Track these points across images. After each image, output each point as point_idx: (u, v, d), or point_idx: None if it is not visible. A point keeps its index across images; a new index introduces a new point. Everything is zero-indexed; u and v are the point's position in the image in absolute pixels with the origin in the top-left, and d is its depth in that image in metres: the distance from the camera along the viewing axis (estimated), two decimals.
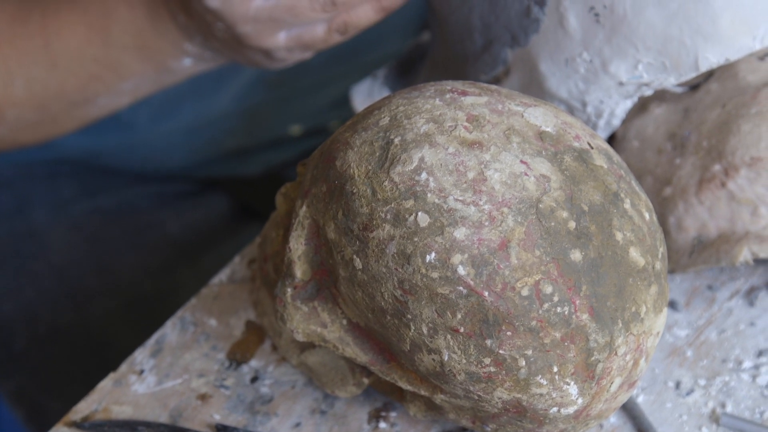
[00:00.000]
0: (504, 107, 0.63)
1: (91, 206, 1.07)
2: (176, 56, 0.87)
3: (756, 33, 0.67)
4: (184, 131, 1.06)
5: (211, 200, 1.10)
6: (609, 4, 0.68)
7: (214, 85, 1.05)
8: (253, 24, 0.81)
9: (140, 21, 0.87)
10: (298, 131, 1.10)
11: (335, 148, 0.63)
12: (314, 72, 1.08)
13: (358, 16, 0.81)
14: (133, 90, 0.90)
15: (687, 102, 0.75)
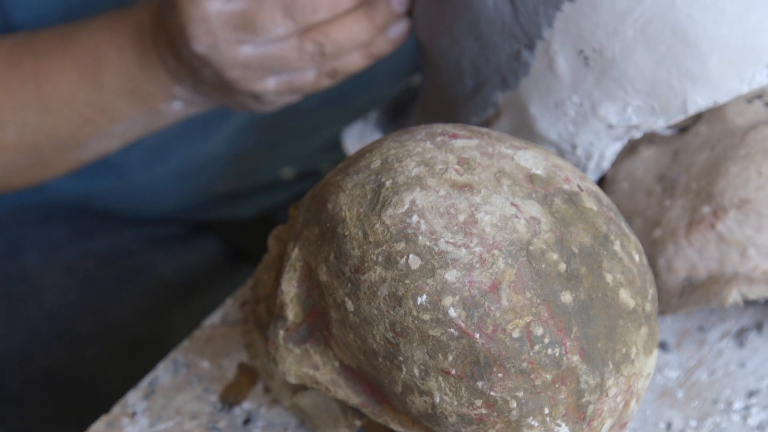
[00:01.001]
0: (494, 150, 0.63)
1: (84, 249, 1.07)
2: (166, 100, 0.87)
3: (744, 76, 0.68)
4: (176, 175, 1.06)
5: (203, 243, 1.10)
6: (598, 47, 0.69)
7: (205, 129, 1.06)
8: (241, 70, 0.81)
9: (131, 65, 0.87)
10: (290, 174, 1.11)
11: (327, 191, 0.64)
12: (305, 115, 1.08)
13: (347, 63, 0.82)
14: (125, 133, 0.90)
15: (676, 144, 0.75)
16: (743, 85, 0.68)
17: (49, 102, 0.88)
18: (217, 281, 1.06)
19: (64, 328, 1.04)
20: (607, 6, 0.68)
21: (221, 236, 1.10)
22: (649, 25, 0.67)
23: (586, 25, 0.69)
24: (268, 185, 1.11)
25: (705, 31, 0.66)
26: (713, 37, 0.66)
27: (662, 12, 0.67)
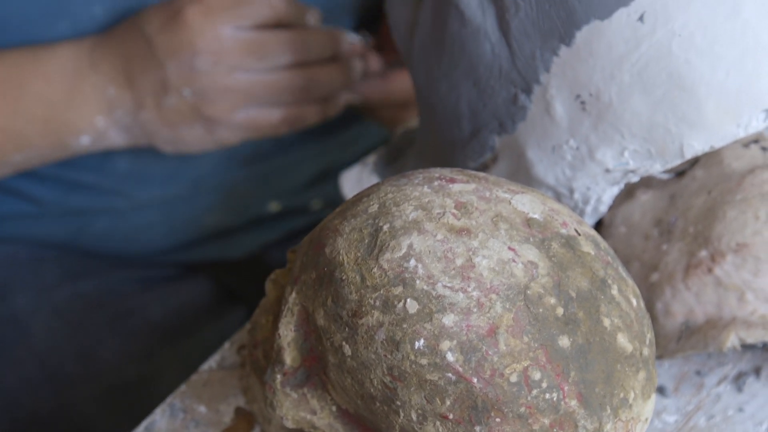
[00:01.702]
0: (492, 194, 0.63)
1: (74, 291, 1.06)
2: (78, 132, 0.89)
3: (740, 121, 0.68)
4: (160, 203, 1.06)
5: (193, 285, 1.09)
6: (595, 92, 0.69)
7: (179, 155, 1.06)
8: (226, 92, 0.83)
9: (55, 95, 0.88)
10: (276, 208, 1.10)
11: (324, 235, 0.64)
12: (290, 149, 1.09)
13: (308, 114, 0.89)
14: (21, 162, 0.92)
15: (673, 188, 0.75)
16: (740, 130, 0.68)
17: None
18: (207, 323, 1.06)
19: (53, 371, 1.03)
20: (603, 51, 0.68)
21: (211, 277, 1.10)
22: (646, 70, 0.67)
23: (582, 70, 0.69)
24: (256, 221, 1.10)
25: (701, 76, 0.67)
26: (710, 82, 0.67)
27: (659, 57, 0.67)
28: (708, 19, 0.66)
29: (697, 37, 0.66)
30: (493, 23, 0.71)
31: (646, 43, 0.67)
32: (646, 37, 0.67)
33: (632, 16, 0.67)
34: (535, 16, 0.69)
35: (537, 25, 0.69)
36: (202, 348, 1.02)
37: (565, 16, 0.68)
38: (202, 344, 1.03)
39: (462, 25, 0.72)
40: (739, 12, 0.66)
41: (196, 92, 0.85)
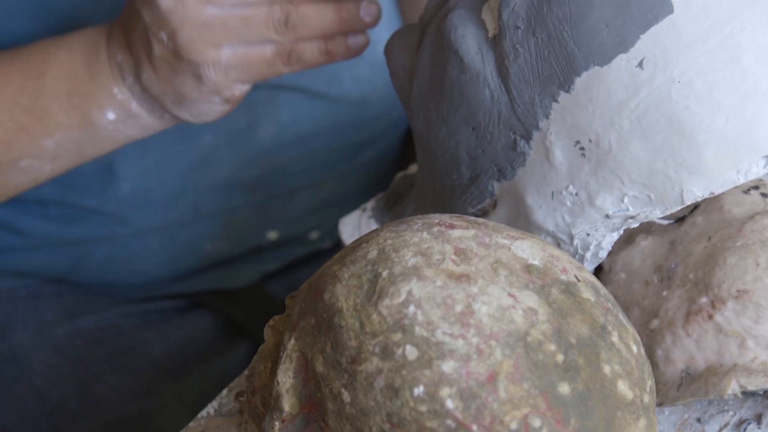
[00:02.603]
0: (491, 240, 0.63)
1: (73, 327, 1.06)
2: (102, 105, 0.87)
3: (740, 167, 0.68)
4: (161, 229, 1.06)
5: (193, 318, 1.09)
6: (594, 138, 0.69)
7: (181, 179, 1.05)
8: (200, 30, 0.81)
9: (75, 65, 0.87)
10: (274, 237, 1.11)
11: (323, 281, 0.64)
12: (290, 178, 1.09)
13: (304, 50, 0.84)
14: (55, 151, 0.89)
15: (673, 234, 0.75)
16: (739, 176, 0.68)
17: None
18: (208, 357, 1.06)
19: (53, 407, 1.03)
20: (603, 97, 0.68)
21: (211, 310, 1.10)
22: (645, 116, 0.67)
23: (582, 116, 0.69)
24: (255, 250, 1.11)
25: (701, 122, 0.67)
26: (709, 128, 0.67)
27: (658, 103, 0.67)
28: (707, 65, 0.66)
29: (697, 83, 0.66)
30: (493, 69, 0.71)
31: (645, 89, 0.67)
32: (645, 83, 0.67)
33: (631, 62, 0.67)
34: (534, 63, 0.69)
35: (536, 71, 0.69)
36: (204, 384, 1.01)
37: (564, 62, 0.69)
38: (203, 380, 1.03)
39: (461, 71, 0.72)
40: (739, 59, 0.66)
41: (171, 34, 0.82)
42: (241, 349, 1.07)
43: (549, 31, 0.69)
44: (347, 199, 1.12)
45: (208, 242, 1.08)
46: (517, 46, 0.70)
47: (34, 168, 0.90)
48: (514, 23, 0.70)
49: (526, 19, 0.70)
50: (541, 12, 0.69)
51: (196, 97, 0.85)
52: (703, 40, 0.66)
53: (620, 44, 0.67)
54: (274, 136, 1.07)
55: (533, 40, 0.69)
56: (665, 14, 0.67)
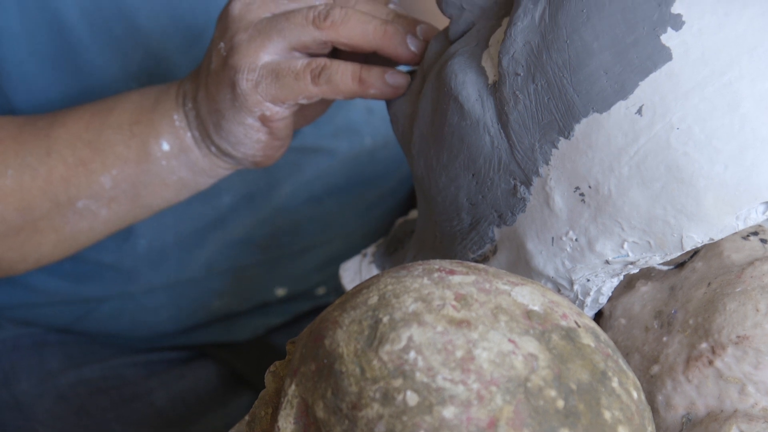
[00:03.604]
0: (491, 286, 0.63)
1: (78, 377, 1.06)
2: (160, 133, 0.86)
3: (739, 213, 0.68)
4: (170, 286, 1.06)
5: (198, 369, 1.09)
6: (594, 184, 0.69)
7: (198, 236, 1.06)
8: (252, 32, 0.80)
9: (145, 100, 0.87)
10: (282, 293, 1.11)
11: (324, 327, 0.64)
12: (301, 237, 1.09)
13: (337, 70, 0.80)
14: (111, 191, 0.88)
15: (673, 280, 0.76)
16: (739, 222, 0.68)
17: (53, 144, 0.88)
18: (212, 407, 1.06)
19: None
20: (602, 143, 0.68)
21: (216, 361, 1.10)
22: (645, 163, 0.68)
23: (581, 162, 0.69)
24: (262, 305, 1.11)
25: (700, 168, 0.67)
26: (708, 175, 0.67)
27: (657, 149, 0.67)
28: (706, 112, 0.67)
29: (696, 130, 0.67)
30: (493, 116, 0.72)
31: (644, 136, 0.67)
32: (644, 130, 0.67)
33: (630, 109, 0.68)
34: (534, 109, 0.70)
35: (536, 118, 0.70)
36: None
37: (563, 109, 0.69)
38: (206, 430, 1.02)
39: (461, 118, 0.73)
40: (738, 106, 0.67)
41: (228, 42, 0.81)
42: (244, 399, 1.07)
43: (548, 78, 0.69)
44: (355, 254, 1.13)
45: (216, 298, 1.08)
46: (517, 93, 0.70)
47: (90, 211, 0.89)
48: (513, 70, 0.71)
49: (526, 65, 0.70)
50: (540, 59, 0.70)
51: (231, 115, 0.82)
52: (701, 88, 0.67)
53: (619, 91, 0.68)
54: (290, 195, 1.08)
55: (533, 86, 0.70)
56: (664, 61, 0.67)
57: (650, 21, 0.68)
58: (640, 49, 0.68)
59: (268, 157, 0.85)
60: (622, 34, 0.68)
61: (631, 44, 0.68)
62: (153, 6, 0.99)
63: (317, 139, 1.09)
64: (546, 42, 0.69)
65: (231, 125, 0.83)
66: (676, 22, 0.68)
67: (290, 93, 0.80)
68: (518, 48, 0.70)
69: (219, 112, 0.83)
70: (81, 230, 0.90)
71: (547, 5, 0.70)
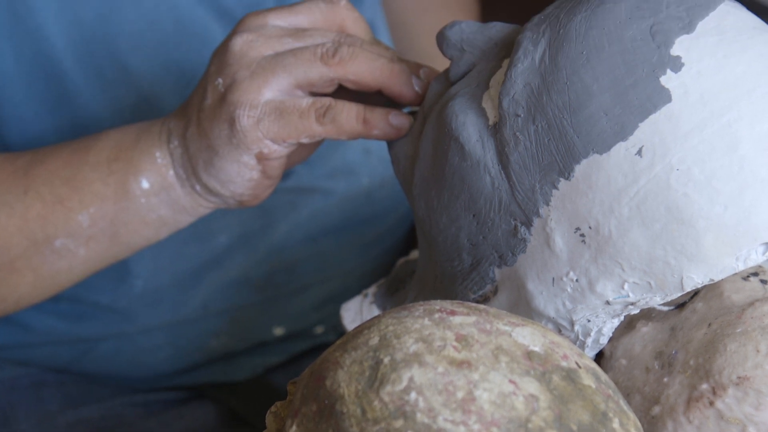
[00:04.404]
0: (492, 327, 0.63)
1: (76, 417, 1.06)
2: (139, 170, 0.85)
3: (739, 254, 0.68)
4: (168, 327, 1.06)
5: (196, 409, 1.09)
6: (594, 225, 0.69)
7: (195, 276, 1.06)
8: (255, 69, 0.79)
9: (125, 137, 0.86)
10: (280, 332, 1.11)
11: (325, 367, 0.64)
12: (298, 276, 1.09)
13: (342, 110, 0.80)
14: (89, 230, 0.87)
15: (673, 321, 0.76)
16: (739, 263, 0.68)
17: (32, 183, 0.87)
18: None
19: None
20: (602, 184, 0.69)
21: (214, 401, 1.10)
22: (645, 204, 0.68)
23: (582, 203, 0.69)
24: (261, 344, 1.11)
25: (700, 209, 0.67)
26: (708, 216, 0.67)
27: (657, 191, 0.68)
28: (706, 153, 0.67)
29: (695, 171, 0.67)
30: (493, 157, 0.72)
31: (644, 177, 0.68)
32: (644, 171, 0.68)
33: (630, 150, 0.68)
34: (534, 150, 0.70)
35: (536, 158, 0.70)
36: None
37: (564, 150, 0.69)
38: None
39: (462, 159, 0.73)
40: (737, 147, 0.67)
41: (227, 78, 0.80)
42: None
43: (549, 119, 0.70)
44: (353, 293, 1.12)
45: (213, 338, 1.08)
46: (518, 134, 0.71)
47: (68, 250, 0.88)
48: (514, 111, 0.71)
49: (526, 107, 0.70)
50: (540, 100, 0.70)
51: (225, 152, 0.81)
52: (701, 129, 0.67)
53: (619, 132, 0.68)
54: (286, 235, 1.08)
55: (533, 127, 0.70)
56: (663, 103, 0.68)
57: (649, 63, 0.68)
58: (640, 90, 0.68)
59: (255, 196, 0.84)
60: (621, 75, 0.68)
61: (630, 86, 0.68)
62: (145, 49, 0.99)
63: (313, 180, 1.09)
64: (546, 83, 0.70)
65: (224, 162, 0.82)
66: (676, 64, 0.68)
67: (293, 131, 0.80)
68: (518, 89, 0.71)
69: (212, 149, 0.82)
70: (59, 270, 0.89)
71: (547, 47, 0.71)
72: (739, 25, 0.70)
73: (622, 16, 0.70)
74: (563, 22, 0.71)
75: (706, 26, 0.69)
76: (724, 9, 0.71)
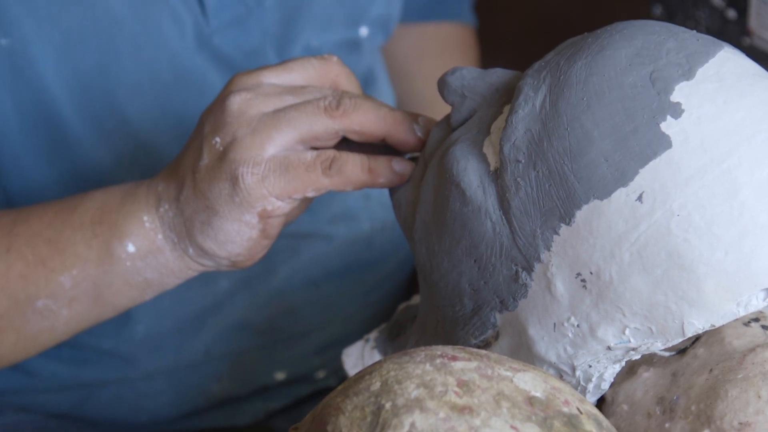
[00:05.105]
0: (493, 372, 0.63)
1: None
2: (125, 234, 0.84)
3: (740, 300, 0.68)
4: (169, 371, 1.06)
5: None
6: (595, 270, 0.70)
7: (196, 321, 1.06)
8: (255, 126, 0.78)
9: (110, 198, 0.85)
10: (282, 377, 1.11)
11: (327, 413, 0.64)
12: (300, 321, 1.09)
13: (347, 161, 0.79)
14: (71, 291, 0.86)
15: (675, 366, 0.76)
16: (740, 309, 0.68)
17: (14, 242, 0.86)
18: None
19: None
20: (603, 229, 0.69)
21: None
22: (645, 249, 0.68)
23: (583, 248, 0.70)
24: (262, 389, 1.10)
25: (700, 255, 0.67)
26: (709, 261, 0.67)
27: (658, 236, 0.68)
28: (706, 199, 0.67)
29: (696, 217, 0.67)
30: (494, 202, 0.72)
31: (645, 222, 0.68)
32: (645, 216, 0.68)
33: (631, 196, 0.68)
34: (535, 196, 0.70)
35: (537, 204, 0.70)
36: None
37: (565, 195, 0.69)
38: None
39: (463, 204, 0.73)
40: (737, 193, 0.67)
41: (225, 136, 0.80)
42: None
43: (549, 165, 0.70)
44: (354, 337, 1.12)
45: (215, 383, 1.08)
46: (519, 180, 0.71)
47: (50, 311, 0.87)
48: (515, 157, 0.71)
49: (527, 153, 0.71)
50: (541, 146, 0.70)
51: (226, 212, 0.80)
52: (701, 175, 0.67)
53: (620, 178, 0.68)
54: (287, 280, 1.08)
55: (534, 173, 0.70)
56: (664, 149, 0.68)
57: (650, 109, 0.69)
58: (640, 136, 0.68)
59: (251, 257, 0.84)
60: (622, 122, 0.69)
61: (631, 132, 0.68)
62: (143, 99, 1.00)
63: (314, 225, 1.09)
64: (547, 129, 0.70)
65: (224, 222, 0.81)
66: (676, 110, 0.68)
67: (300, 186, 0.79)
68: (519, 135, 0.71)
69: (211, 209, 0.81)
70: (42, 330, 0.88)
71: (548, 93, 0.71)
72: (739, 72, 0.71)
73: (623, 62, 0.70)
74: (564, 68, 0.71)
75: (705, 73, 0.70)
76: (723, 55, 0.71)
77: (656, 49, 0.70)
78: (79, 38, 0.96)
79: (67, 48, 0.96)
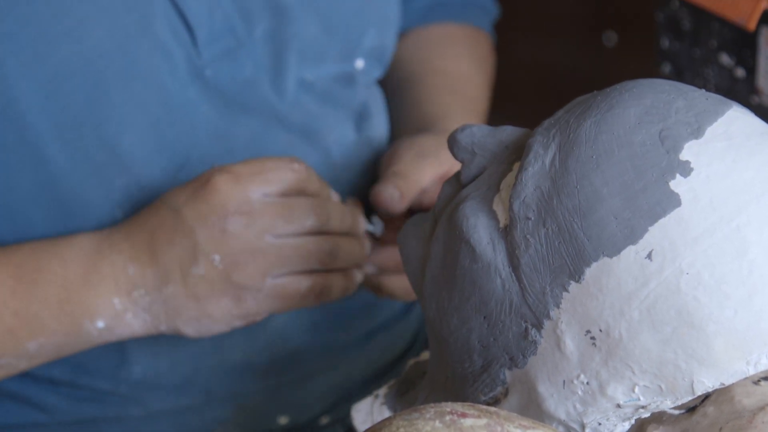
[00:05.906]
0: (503, 429, 0.63)
1: None
2: (95, 313, 0.87)
3: (749, 358, 0.68)
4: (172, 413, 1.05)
5: None
6: (605, 328, 0.70)
7: (193, 363, 1.05)
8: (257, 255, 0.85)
9: (70, 274, 0.88)
10: (284, 422, 1.10)
11: None
12: (302, 364, 1.09)
13: (333, 285, 0.89)
14: (36, 353, 0.90)
15: (684, 425, 0.75)
16: (749, 367, 0.68)
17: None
18: None
19: None
20: (613, 287, 0.69)
21: None
22: (655, 307, 0.68)
23: (592, 306, 0.70)
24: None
25: (710, 313, 0.67)
26: (718, 319, 0.67)
27: (667, 294, 0.68)
28: (715, 257, 0.67)
29: (705, 275, 0.67)
30: (504, 259, 0.72)
31: (654, 280, 0.68)
32: (654, 274, 0.68)
33: (640, 253, 0.68)
34: (544, 253, 0.71)
35: (547, 261, 0.70)
36: None
37: (574, 253, 0.70)
38: None
39: (473, 261, 0.73)
40: (746, 252, 0.67)
41: (226, 257, 0.85)
42: None
43: (559, 223, 0.70)
44: (358, 383, 1.12)
45: (219, 426, 1.08)
46: (528, 237, 0.71)
47: (10, 365, 0.91)
48: (524, 214, 0.71)
49: (537, 210, 0.71)
50: (551, 203, 0.70)
51: (221, 317, 0.87)
52: (710, 233, 0.68)
53: (629, 236, 0.68)
54: (288, 322, 1.08)
55: (544, 230, 0.71)
56: (673, 207, 0.68)
57: (659, 168, 0.69)
58: (650, 195, 0.68)
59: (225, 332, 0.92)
60: (631, 180, 0.69)
61: (640, 190, 0.69)
62: (135, 132, 0.99)
63: None
64: (556, 187, 0.70)
65: (215, 323, 0.89)
66: (685, 168, 0.69)
67: (293, 307, 0.89)
68: (529, 192, 0.71)
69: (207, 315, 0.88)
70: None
71: (558, 151, 0.71)
72: (748, 131, 0.71)
73: (632, 121, 0.70)
74: (573, 126, 0.72)
75: (714, 131, 0.70)
76: (732, 114, 0.72)
77: (665, 107, 0.71)
78: (67, 73, 0.95)
79: (54, 84, 0.95)
